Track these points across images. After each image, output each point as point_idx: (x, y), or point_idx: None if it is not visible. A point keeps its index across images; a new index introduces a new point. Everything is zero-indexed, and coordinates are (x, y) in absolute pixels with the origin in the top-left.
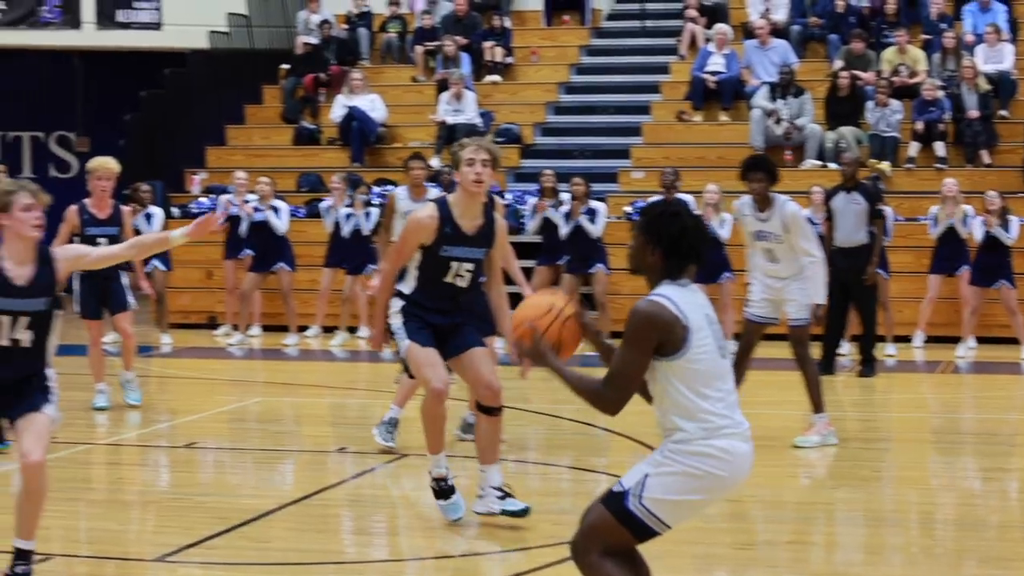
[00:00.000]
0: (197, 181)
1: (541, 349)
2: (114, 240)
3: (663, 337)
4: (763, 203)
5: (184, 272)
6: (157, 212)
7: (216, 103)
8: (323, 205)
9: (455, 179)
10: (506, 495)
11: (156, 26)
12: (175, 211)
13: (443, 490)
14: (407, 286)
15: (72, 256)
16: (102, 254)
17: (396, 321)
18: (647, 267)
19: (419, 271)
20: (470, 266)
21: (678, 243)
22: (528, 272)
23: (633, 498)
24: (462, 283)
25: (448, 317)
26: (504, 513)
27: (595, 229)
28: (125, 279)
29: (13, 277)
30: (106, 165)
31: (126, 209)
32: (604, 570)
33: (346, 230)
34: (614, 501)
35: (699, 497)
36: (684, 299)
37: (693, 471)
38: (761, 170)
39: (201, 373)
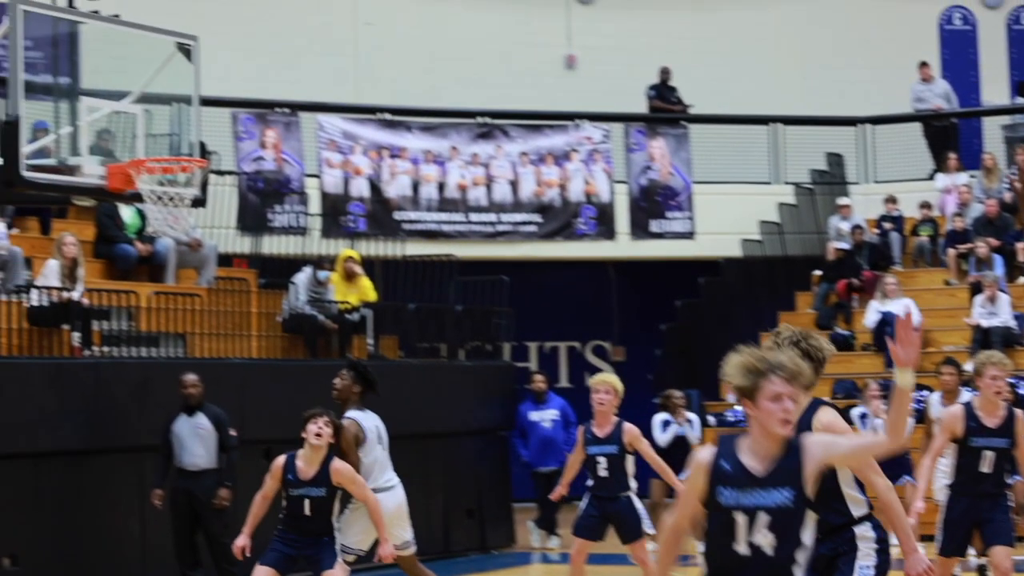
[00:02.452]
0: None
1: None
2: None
3: None
4: None
5: None
6: (694, 418)
7: (750, 311)
8: (855, 412)
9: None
10: None
11: (689, 235)
12: (711, 419)
13: None
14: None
15: (827, 442)
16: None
17: None
18: None
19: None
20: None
21: None
22: None
23: None
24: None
25: None
26: None
27: None
28: (638, 502)
29: (751, 468)
30: (606, 380)
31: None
32: None
33: None
34: None
35: None
36: None
37: None
38: None
39: None
